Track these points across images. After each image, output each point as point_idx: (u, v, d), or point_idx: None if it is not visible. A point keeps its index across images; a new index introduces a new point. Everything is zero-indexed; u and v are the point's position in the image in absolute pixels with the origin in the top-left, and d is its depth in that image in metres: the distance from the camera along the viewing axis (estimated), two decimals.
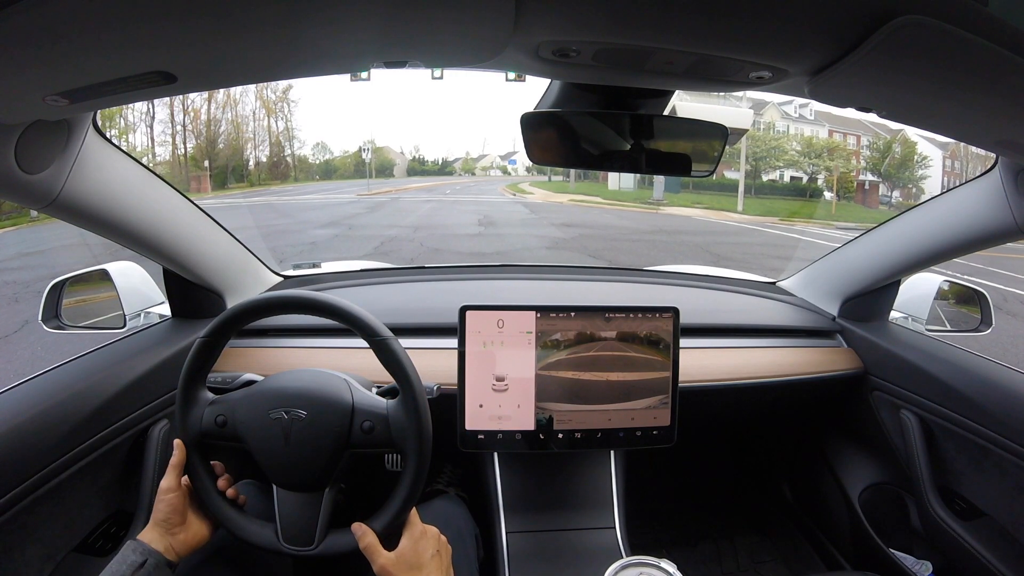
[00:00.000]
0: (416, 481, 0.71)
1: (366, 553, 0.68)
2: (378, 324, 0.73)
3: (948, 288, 1.27)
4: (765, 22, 0.47)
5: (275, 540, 0.72)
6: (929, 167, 21.06)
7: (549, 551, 1.04)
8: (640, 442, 1.00)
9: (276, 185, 29.11)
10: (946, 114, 0.63)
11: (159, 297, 1.15)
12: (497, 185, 32.44)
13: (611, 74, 0.62)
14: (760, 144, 23.54)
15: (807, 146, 23.57)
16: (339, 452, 0.71)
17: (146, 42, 0.46)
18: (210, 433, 0.73)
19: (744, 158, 20.72)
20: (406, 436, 0.71)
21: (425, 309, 1.24)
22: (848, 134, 23.61)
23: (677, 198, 20.00)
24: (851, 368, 1.24)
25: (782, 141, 23.95)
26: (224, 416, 0.72)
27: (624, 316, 0.98)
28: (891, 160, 21.46)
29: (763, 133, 24.07)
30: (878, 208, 20.55)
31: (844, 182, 22.03)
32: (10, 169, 0.62)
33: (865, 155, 23.19)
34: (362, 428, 0.71)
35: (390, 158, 48.58)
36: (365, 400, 0.73)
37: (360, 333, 0.73)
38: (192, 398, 0.74)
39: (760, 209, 17.73)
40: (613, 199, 20.12)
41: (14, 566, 0.73)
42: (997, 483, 0.98)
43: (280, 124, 33.25)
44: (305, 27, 0.45)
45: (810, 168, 22.95)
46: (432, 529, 0.74)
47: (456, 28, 0.49)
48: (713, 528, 1.59)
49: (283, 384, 0.74)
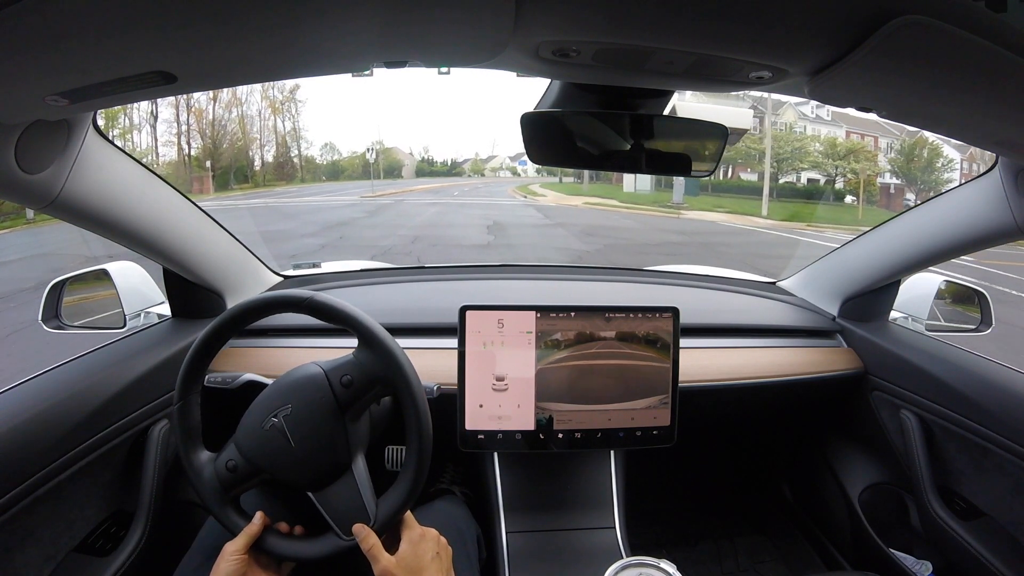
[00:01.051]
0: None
1: (368, 556, 0.68)
2: (293, 291, 0.74)
3: (948, 288, 1.27)
4: (765, 22, 0.47)
5: (337, 541, 0.71)
6: (954, 170, 20.50)
7: (549, 551, 1.04)
8: (640, 442, 1.00)
9: (281, 186, 28.88)
10: (946, 114, 0.63)
11: (159, 297, 1.15)
12: (507, 187, 31.95)
13: (611, 74, 0.62)
14: (783, 145, 22.76)
15: (831, 147, 22.77)
16: (339, 421, 0.71)
17: (146, 42, 0.46)
18: (229, 483, 0.72)
19: (768, 160, 20.01)
20: (382, 364, 0.72)
21: (425, 309, 1.24)
22: (865, 135, 22.96)
23: (696, 201, 19.22)
24: (851, 368, 1.24)
25: (806, 142, 23.22)
26: (232, 460, 0.72)
27: (624, 316, 0.98)
28: (916, 163, 20.78)
29: (786, 133, 23.34)
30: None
31: (866, 185, 21.29)
32: (10, 169, 0.62)
33: (890, 157, 22.56)
34: (342, 383, 0.72)
35: (399, 159, 48.50)
36: (333, 362, 0.74)
37: (292, 310, 0.74)
38: (197, 463, 0.74)
39: (784, 213, 16.99)
40: (630, 202, 19.26)
41: (14, 566, 0.73)
42: (997, 483, 0.98)
43: (287, 124, 33.28)
44: (305, 27, 0.45)
45: (834, 170, 22.18)
46: (431, 531, 0.74)
47: (456, 28, 0.49)
48: (713, 528, 1.58)
49: (262, 396, 0.74)
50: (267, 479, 0.72)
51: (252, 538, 0.70)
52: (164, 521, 0.92)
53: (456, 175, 51.32)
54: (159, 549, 0.90)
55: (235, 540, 0.69)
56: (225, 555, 0.68)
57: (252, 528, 0.71)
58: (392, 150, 48.56)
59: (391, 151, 47.94)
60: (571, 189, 26.44)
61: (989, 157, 0.86)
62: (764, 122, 22.44)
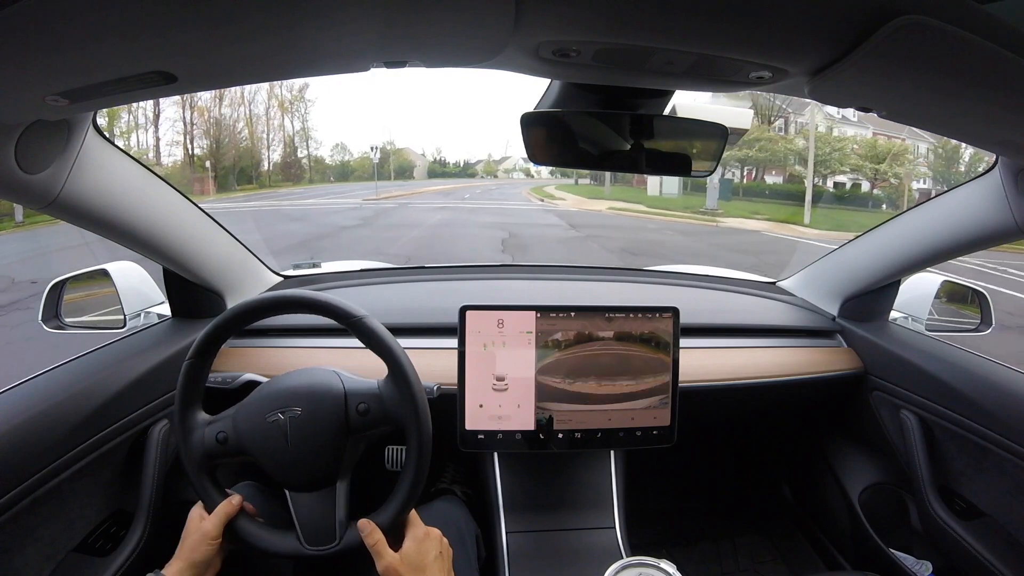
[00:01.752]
0: (419, 472, 0.71)
1: (372, 552, 0.68)
2: (348, 305, 0.73)
3: (948, 288, 1.27)
4: (765, 22, 0.47)
5: (298, 545, 0.71)
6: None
7: (549, 551, 1.04)
8: (640, 442, 1.00)
9: (286, 187, 28.38)
10: (946, 114, 0.64)
11: (159, 297, 1.15)
12: (521, 188, 30.57)
13: (611, 74, 0.62)
14: (821, 147, 20.66)
15: (870, 149, 21.11)
16: (341, 441, 0.71)
17: (146, 42, 0.46)
18: (214, 453, 0.72)
19: (812, 162, 17.86)
20: (403, 409, 0.71)
21: (425, 309, 1.24)
22: (892, 136, 21.47)
23: (731, 207, 17.49)
24: (851, 368, 1.24)
25: (845, 144, 21.48)
26: (224, 432, 0.72)
27: (624, 316, 0.98)
28: (955, 167, 19.52)
29: (825, 134, 21.48)
30: None
31: (902, 190, 19.69)
32: (10, 169, 0.62)
33: (929, 160, 21.26)
34: (358, 411, 0.71)
35: (410, 159, 47.79)
36: (356, 384, 0.73)
37: (334, 318, 0.73)
38: (190, 423, 0.73)
39: (829, 222, 14.86)
40: (659, 207, 17.30)
41: (14, 566, 0.73)
42: (997, 483, 0.98)
43: (295, 124, 32.82)
44: (305, 27, 0.45)
45: (873, 174, 20.66)
46: (435, 531, 0.74)
47: (456, 28, 0.49)
48: (713, 528, 1.58)
49: (275, 387, 0.74)
50: (250, 462, 0.72)
51: (226, 519, 0.70)
52: (164, 521, 0.92)
53: (469, 176, 50.52)
54: (159, 549, 0.90)
55: (211, 521, 0.69)
56: (204, 539, 0.68)
57: (228, 508, 0.70)
58: (403, 151, 47.69)
59: (402, 151, 47.18)
60: (591, 192, 24.45)
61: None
62: (787, 121, 21.19)
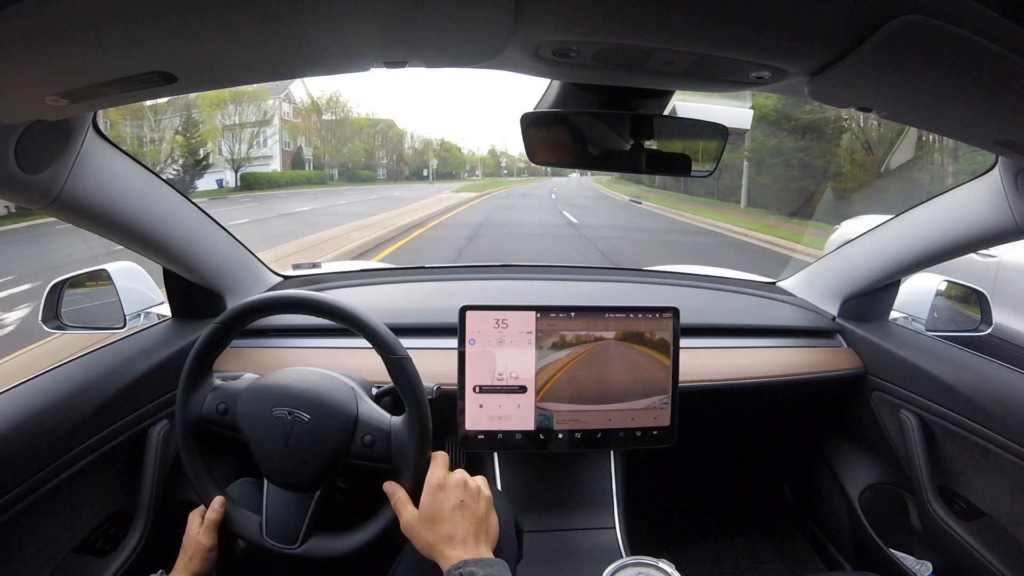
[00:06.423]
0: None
1: (395, 509, 0.69)
2: (395, 340, 0.72)
3: (948, 288, 1.27)
4: (765, 22, 0.47)
5: (258, 533, 0.71)
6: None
7: (549, 551, 1.04)
8: (640, 442, 1.00)
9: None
10: (946, 114, 0.64)
11: (159, 297, 1.15)
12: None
13: (611, 74, 0.62)
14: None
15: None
16: (336, 460, 0.71)
17: (146, 42, 0.46)
18: (210, 419, 0.73)
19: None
20: (404, 457, 0.71)
21: (425, 309, 1.24)
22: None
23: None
24: (851, 368, 1.24)
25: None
26: (226, 404, 0.72)
27: (624, 316, 0.98)
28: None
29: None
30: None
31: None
32: (10, 169, 0.62)
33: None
34: (363, 441, 0.71)
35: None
36: (370, 413, 0.73)
37: (376, 347, 0.72)
38: (197, 381, 0.74)
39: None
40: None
41: (14, 566, 0.73)
42: (997, 483, 0.98)
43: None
44: (305, 27, 0.46)
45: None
46: (455, 477, 0.70)
47: (456, 28, 0.49)
48: (713, 528, 1.59)
49: (289, 383, 0.73)
50: (240, 440, 0.72)
51: (215, 527, 0.72)
52: (164, 521, 0.92)
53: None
54: (159, 549, 0.90)
55: (205, 533, 0.71)
56: (201, 552, 0.71)
57: (214, 516, 0.72)
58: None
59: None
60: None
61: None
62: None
